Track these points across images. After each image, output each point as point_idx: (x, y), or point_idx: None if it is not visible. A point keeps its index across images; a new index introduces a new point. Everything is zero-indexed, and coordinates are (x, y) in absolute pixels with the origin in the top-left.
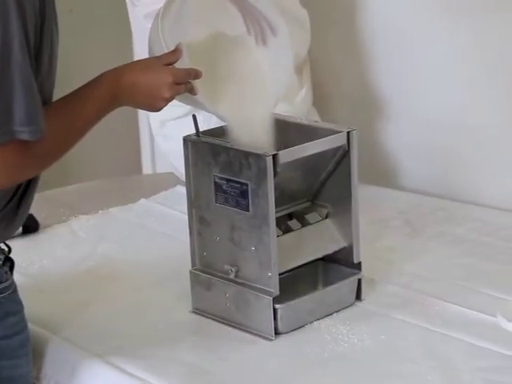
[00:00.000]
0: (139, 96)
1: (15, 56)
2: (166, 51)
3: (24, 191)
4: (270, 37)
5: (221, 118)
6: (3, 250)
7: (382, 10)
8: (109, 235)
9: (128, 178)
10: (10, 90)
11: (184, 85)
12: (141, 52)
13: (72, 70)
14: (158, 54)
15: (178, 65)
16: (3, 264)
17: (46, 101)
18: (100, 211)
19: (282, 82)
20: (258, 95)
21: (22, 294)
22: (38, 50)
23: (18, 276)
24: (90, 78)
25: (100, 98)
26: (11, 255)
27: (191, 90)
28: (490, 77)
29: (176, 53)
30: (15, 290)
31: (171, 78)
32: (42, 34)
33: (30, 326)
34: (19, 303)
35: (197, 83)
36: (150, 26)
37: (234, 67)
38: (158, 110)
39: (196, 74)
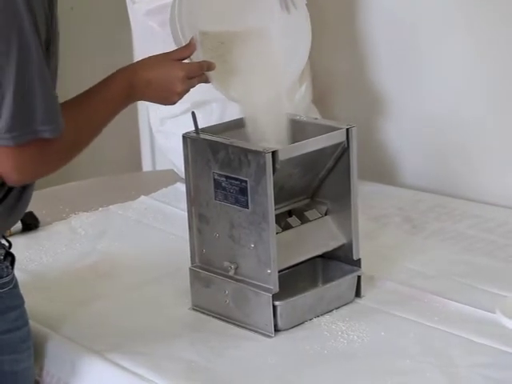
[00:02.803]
0: (153, 92)
1: (33, 57)
2: (183, 40)
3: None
4: (292, 7)
5: (236, 101)
6: (4, 245)
7: (382, 7)
8: (108, 232)
9: (128, 175)
10: (31, 90)
11: (197, 78)
12: (141, 49)
13: (72, 68)
14: (177, 42)
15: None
16: (4, 259)
17: None
18: (100, 208)
19: (299, 57)
20: (272, 79)
21: (22, 291)
22: (47, 48)
23: (17, 273)
24: (91, 76)
25: (115, 96)
26: (12, 250)
27: (206, 81)
28: (490, 75)
29: (189, 48)
30: (16, 285)
31: (183, 72)
32: (51, 33)
33: (31, 322)
34: (20, 298)
35: (211, 73)
36: (150, 23)
37: (248, 55)
38: (172, 103)
39: (209, 66)
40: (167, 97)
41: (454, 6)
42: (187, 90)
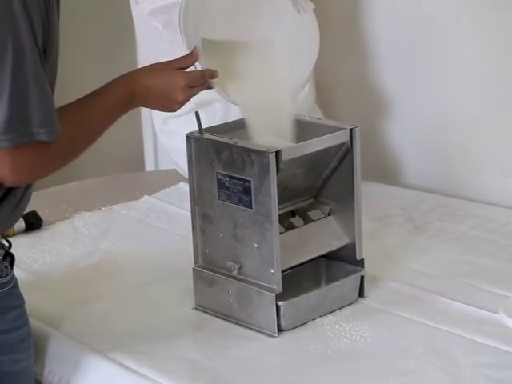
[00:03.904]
0: (154, 99)
1: (28, 58)
2: (188, 49)
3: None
4: (301, 10)
5: (237, 104)
6: (3, 245)
7: (386, 7)
8: (111, 232)
9: (131, 175)
10: (26, 92)
11: (199, 86)
12: (144, 49)
13: (76, 68)
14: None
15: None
16: (3, 259)
17: None
18: (103, 208)
19: (306, 61)
20: (274, 84)
21: (25, 291)
22: (45, 49)
23: (21, 272)
24: (94, 76)
25: (115, 101)
26: (12, 250)
27: (208, 87)
28: (494, 75)
29: (191, 57)
30: (16, 285)
31: (184, 81)
32: (49, 33)
33: (33, 322)
34: (20, 298)
35: (214, 80)
36: (154, 23)
37: (251, 61)
38: (173, 111)
39: (212, 75)
40: (168, 105)
41: (457, 6)
42: (188, 99)
